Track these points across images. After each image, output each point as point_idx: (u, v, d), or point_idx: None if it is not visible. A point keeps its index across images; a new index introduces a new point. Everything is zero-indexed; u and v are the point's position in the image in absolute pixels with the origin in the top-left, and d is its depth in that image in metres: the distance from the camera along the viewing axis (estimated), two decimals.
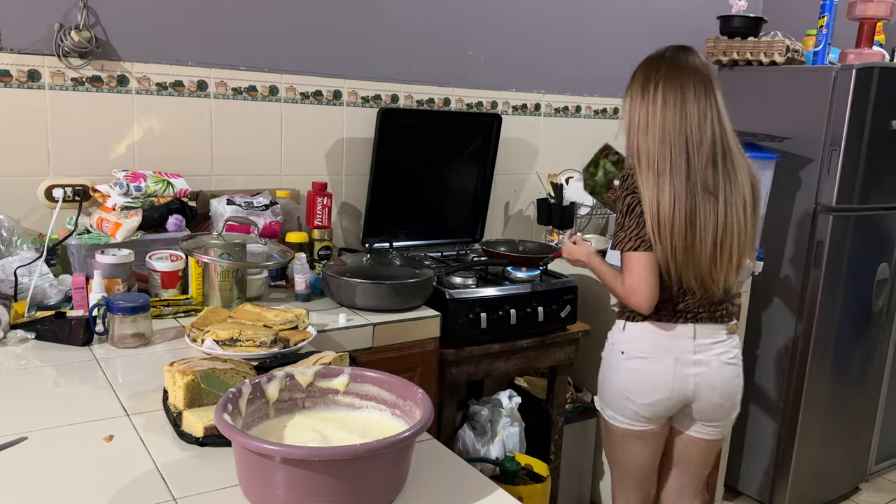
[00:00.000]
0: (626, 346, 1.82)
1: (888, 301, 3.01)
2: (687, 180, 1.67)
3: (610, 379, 1.86)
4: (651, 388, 1.79)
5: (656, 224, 1.67)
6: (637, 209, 1.69)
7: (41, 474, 1.09)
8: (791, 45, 2.80)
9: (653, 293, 1.71)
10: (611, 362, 1.87)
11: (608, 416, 1.89)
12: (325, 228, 2.37)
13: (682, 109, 1.67)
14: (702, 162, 1.68)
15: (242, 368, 1.34)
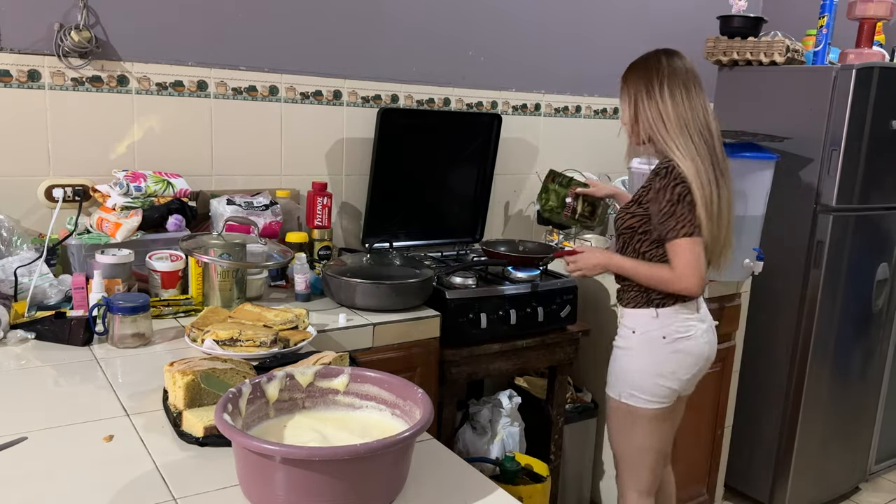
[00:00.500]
0: (665, 330, 1.91)
1: (888, 301, 3.01)
2: (712, 167, 1.83)
3: (644, 366, 1.93)
4: (694, 363, 1.94)
5: (704, 208, 1.80)
6: (688, 196, 1.79)
7: (41, 474, 1.09)
8: (791, 45, 2.80)
9: (705, 275, 1.86)
10: (647, 349, 1.92)
11: (640, 403, 1.94)
12: (325, 228, 2.37)
13: (690, 104, 1.83)
14: (717, 149, 1.86)
15: (242, 368, 1.34)
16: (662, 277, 1.86)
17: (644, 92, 1.85)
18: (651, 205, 1.84)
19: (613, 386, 2.00)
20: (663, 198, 1.80)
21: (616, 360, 1.99)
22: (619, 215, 1.95)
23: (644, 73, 1.87)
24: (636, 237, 1.91)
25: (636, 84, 1.87)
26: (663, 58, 1.87)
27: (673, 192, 1.79)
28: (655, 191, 1.82)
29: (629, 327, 1.96)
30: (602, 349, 2.65)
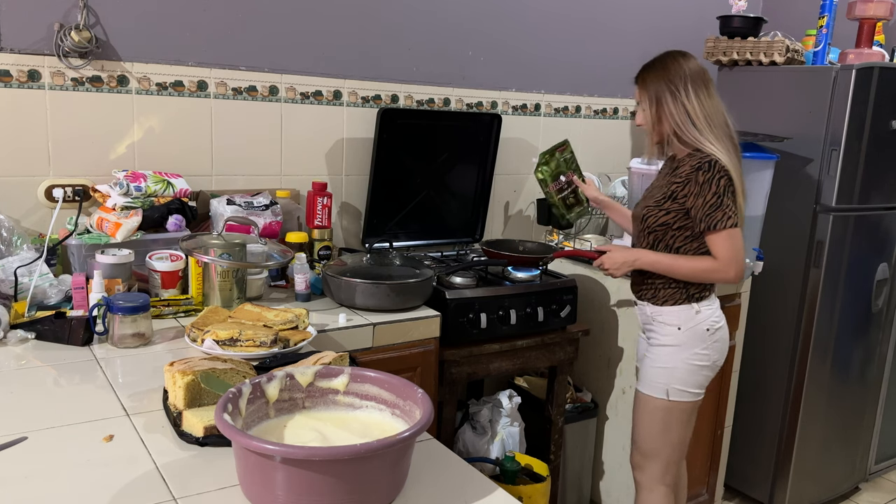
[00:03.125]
0: (707, 322, 1.99)
1: (888, 301, 3.01)
2: (738, 160, 1.93)
3: (693, 360, 1.98)
4: (725, 348, 2.05)
5: (742, 198, 1.92)
6: (731, 188, 1.88)
7: (41, 474, 1.09)
8: (791, 45, 2.80)
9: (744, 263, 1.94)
10: (695, 343, 1.97)
11: (687, 397, 2.00)
12: (325, 228, 2.37)
13: (711, 102, 1.92)
14: (736, 143, 1.95)
15: (242, 368, 1.34)
16: (708, 268, 1.92)
17: (668, 93, 1.91)
18: (692, 199, 1.88)
19: (656, 385, 2.01)
20: (708, 190, 1.86)
21: (659, 359, 2.01)
22: (649, 213, 1.97)
23: (665, 74, 1.93)
24: (670, 233, 1.95)
25: (657, 85, 1.93)
26: (680, 59, 1.95)
27: (719, 184, 1.86)
28: (699, 184, 1.86)
29: (672, 324, 1.98)
30: (602, 349, 2.66)
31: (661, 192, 1.97)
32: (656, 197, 1.98)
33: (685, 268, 1.94)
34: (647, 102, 1.96)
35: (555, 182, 2.36)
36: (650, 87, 1.95)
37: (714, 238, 1.89)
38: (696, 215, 1.89)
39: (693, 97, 1.90)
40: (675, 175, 1.94)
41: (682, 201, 1.91)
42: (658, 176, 2.11)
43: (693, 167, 1.89)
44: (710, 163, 1.87)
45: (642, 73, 1.99)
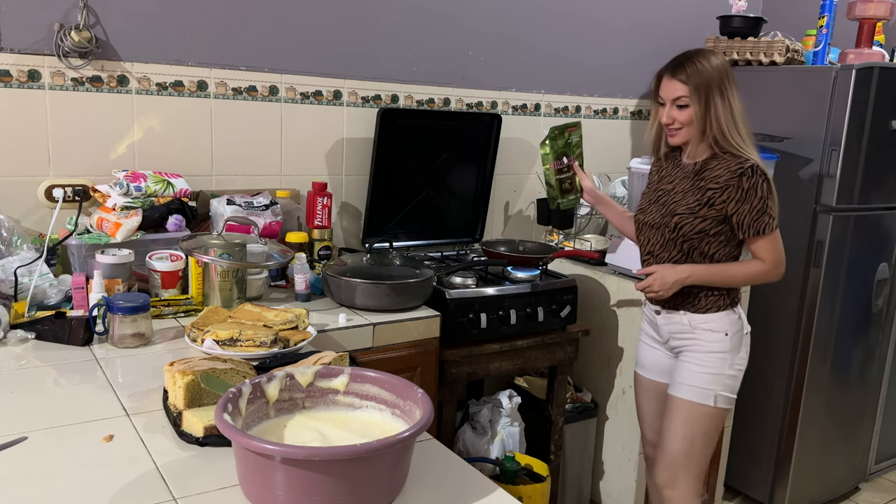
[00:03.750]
0: (746, 325, 2.01)
1: (888, 301, 3.01)
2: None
3: (738, 364, 1.97)
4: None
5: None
6: (772, 190, 1.87)
7: (41, 474, 1.09)
8: (791, 46, 2.80)
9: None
10: (741, 348, 1.98)
11: (730, 403, 1.99)
12: (325, 228, 2.37)
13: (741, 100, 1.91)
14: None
15: (242, 368, 1.34)
16: (760, 272, 1.93)
17: (717, 92, 1.86)
18: (734, 205, 1.85)
19: (705, 392, 1.94)
20: (754, 196, 1.84)
21: (708, 365, 1.94)
22: (683, 221, 1.90)
23: (714, 71, 1.87)
24: (706, 240, 1.91)
25: (708, 82, 1.86)
26: (721, 56, 1.92)
27: (763, 188, 1.84)
28: (743, 190, 1.83)
29: (719, 331, 1.94)
30: (602, 349, 2.66)
31: (692, 198, 1.90)
32: (689, 204, 1.91)
33: (739, 275, 1.94)
34: (695, 100, 1.86)
35: (557, 161, 2.27)
36: (699, 83, 1.86)
37: (761, 242, 1.89)
38: (741, 221, 1.86)
39: (736, 97, 1.89)
40: (708, 181, 1.88)
41: (719, 207, 1.87)
42: (669, 179, 2.00)
43: (734, 173, 1.84)
44: (752, 168, 1.84)
45: (686, 68, 1.88)
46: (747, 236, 1.88)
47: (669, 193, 1.98)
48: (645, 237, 2.04)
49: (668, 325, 2.01)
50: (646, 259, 2.05)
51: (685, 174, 1.96)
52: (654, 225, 1.99)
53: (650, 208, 2.02)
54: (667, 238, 1.95)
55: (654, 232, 1.99)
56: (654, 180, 2.07)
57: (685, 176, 1.96)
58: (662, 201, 1.98)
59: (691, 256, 1.94)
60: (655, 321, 2.05)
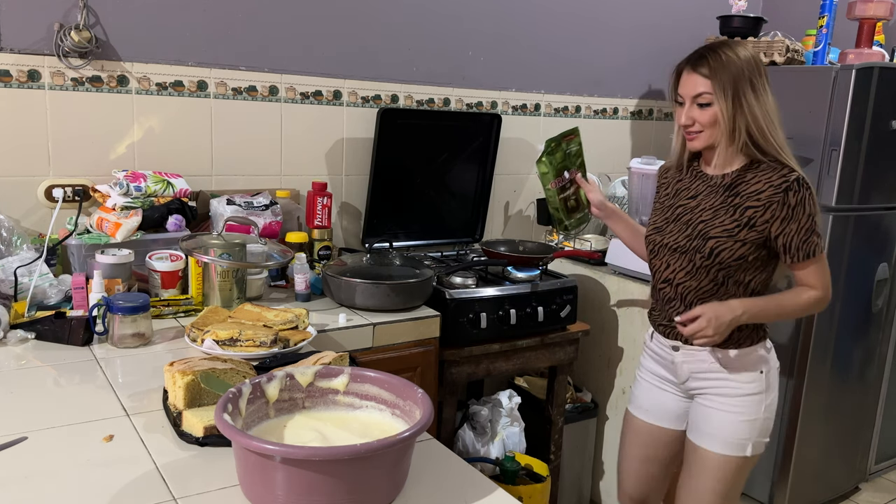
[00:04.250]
0: (776, 359, 1.76)
1: (888, 301, 3.01)
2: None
3: (772, 405, 1.73)
4: None
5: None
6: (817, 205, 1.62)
7: (41, 474, 1.09)
8: (791, 45, 2.80)
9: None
10: (775, 384, 1.73)
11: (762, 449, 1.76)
12: (325, 228, 2.37)
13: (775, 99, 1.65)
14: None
15: (242, 368, 1.34)
16: (814, 301, 1.66)
17: (749, 87, 1.58)
18: (779, 224, 1.58)
19: (741, 443, 1.70)
20: (802, 213, 1.58)
21: (742, 412, 1.68)
22: (721, 246, 1.61)
23: (741, 63, 1.58)
24: (744, 266, 1.63)
25: (735, 78, 1.57)
26: (748, 46, 1.64)
27: (810, 204, 1.58)
28: (790, 208, 1.57)
29: (754, 369, 1.69)
30: (602, 349, 2.66)
31: (727, 217, 1.62)
32: (724, 224, 1.62)
33: (793, 308, 1.67)
34: (720, 96, 1.57)
35: (558, 178, 1.98)
36: (725, 77, 1.57)
37: (810, 265, 1.63)
38: (788, 243, 1.60)
39: (769, 95, 1.61)
40: (746, 196, 1.61)
41: (761, 228, 1.60)
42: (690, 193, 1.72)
43: (777, 187, 1.57)
44: (798, 180, 1.57)
45: (709, 60, 1.60)
46: (795, 260, 1.61)
47: (694, 211, 1.68)
48: (663, 261, 1.74)
49: (691, 363, 1.72)
50: (662, 287, 1.74)
51: (712, 188, 1.68)
52: (677, 248, 1.69)
53: (668, 227, 1.72)
54: (697, 265, 1.66)
55: (677, 256, 1.69)
56: (667, 194, 1.78)
57: (712, 190, 1.67)
58: (685, 220, 1.69)
59: (725, 285, 1.65)
60: (671, 358, 1.75)
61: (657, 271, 1.76)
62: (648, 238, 1.78)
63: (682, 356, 1.73)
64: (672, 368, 1.76)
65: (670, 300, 1.72)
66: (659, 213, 1.78)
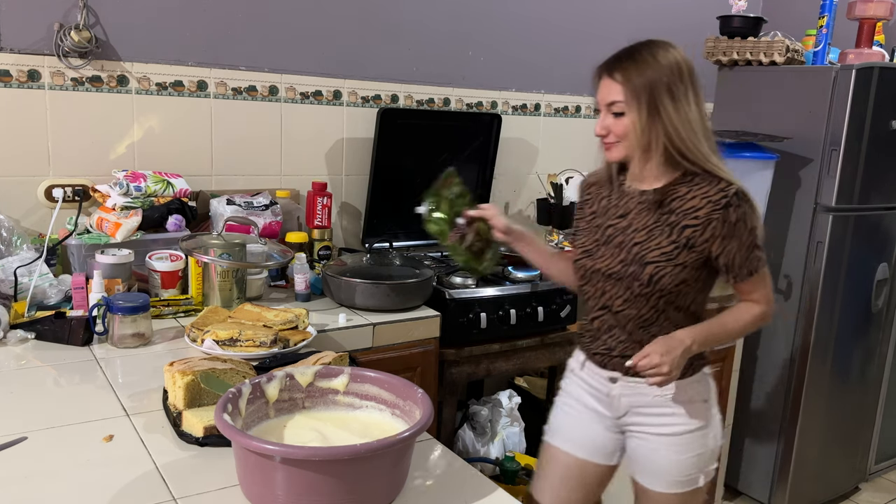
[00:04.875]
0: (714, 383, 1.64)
1: (888, 301, 3.01)
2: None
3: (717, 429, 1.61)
4: None
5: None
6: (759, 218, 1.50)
7: (41, 474, 1.09)
8: (791, 45, 2.80)
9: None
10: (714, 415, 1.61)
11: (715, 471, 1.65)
12: (325, 228, 2.37)
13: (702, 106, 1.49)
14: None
15: (242, 368, 1.34)
16: (758, 317, 1.53)
17: (667, 94, 1.42)
18: (720, 242, 1.44)
19: (694, 478, 1.58)
20: (744, 229, 1.44)
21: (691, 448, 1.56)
22: (660, 272, 1.46)
23: (660, 68, 1.43)
24: (685, 291, 1.49)
25: (650, 85, 1.42)
26: (672, 50, 1.46)
27: (752, 218, 1.46)
28: (731, 224, 1.43)
29: (697, 399, 1.56)
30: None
31: (664, 239, 1.47)
32: (662, 248, 1.47)
33: (738, 328, 1.54)
34: (633, 106, 1.43)
35: (455, 229, 1.73)
36: (639, 85, 1.43)
37: (753, 282, 1.49)
38: (731, 262, 1.46)
39: (693, 100, 1.45)
40: (681, 214, 1.46)
41: (701, 248, 1.45)
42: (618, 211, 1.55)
43: (716, 203, 1.43)
44: (737, 194, 1.43)
45: (623, 66, 1.45)
46: (739, 279, 1.48)
47: (626, 232, 1.52)
48: (597, 288, 1.56)
49: (630, 396, 1.57)
50: (599, 315, 1.57)
51: (642, 205, 1.51)
52: (611, 275, 1.52)
53: (599, 251, 1.55)
54: (636, 293, 1.50)
55: (612, 283, 1.53)
56: (593, 212, 1.61)
57: (643, 207, 1.51)
58: (617, 242, 1.53)
59: (666, 312, 1.51)
60: (607, 391, 1.59)
61: (591, 298, 1.59)
62: (578, 263, 1.59)
63: (620, 388, 1.57)
64: (607, 402, 1.60)
65: (610, 328, 1.56)
66: (587, 234, 1.60)
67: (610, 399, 1.59)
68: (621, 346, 1.54)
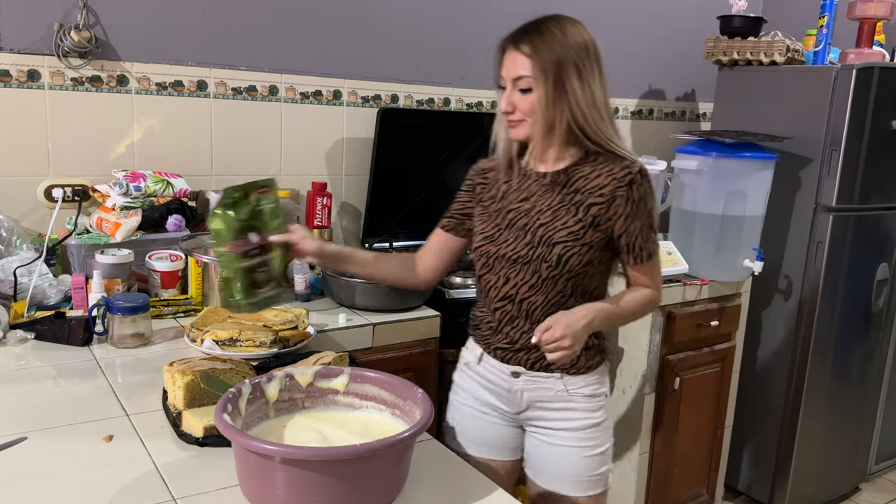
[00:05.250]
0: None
1: (888, 301, 3.01)
2: None
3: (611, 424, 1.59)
4: None
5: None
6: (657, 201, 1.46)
7: (41, 474, 1.09)
8: (791, 45, 2.80)
9: None
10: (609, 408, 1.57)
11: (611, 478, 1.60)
12: (325, 228, 2.37)
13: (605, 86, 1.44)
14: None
15: (242, 368, 1.34)
16: (652, 300, 1.50)
17: (574, 70, 1.37)
18: (623, 221, 1.41)
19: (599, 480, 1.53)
20: (645, 209, 1.41)
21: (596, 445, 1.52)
22: (568, 251, 1.40)
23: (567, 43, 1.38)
24: (590, 272, 1.44)
25: (559, 60, 1.37)
26: (579, 26, 1.42)
27: (651, 198, 1.43)
28: (634, 203, 1.40)
29: (599, 394, 1.52)
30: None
31: (570, 218, 1.42)
32: (568, 226, 1.41)
33: (634, 309, 1.48)
34: (541, 79, 1.38)
35: (239, 240, 1.42)
36: (549, 59, 1.37)
37: (650, 265, 1.47)
38: (632, 243, 1.43)
39: (598, 77, 1.40)
40: (586, 193, 1.42)
41: (605, 227, 1.41)
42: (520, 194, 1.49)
43: (621, 180, 1.39)
44: (640, 172, 1.40)
45: (531, 39, 1.41)
46: (639, 261, 1.44)
47: (530, 214, 1.46)
48: (500, 276, 1.48)
49: (533, 390, 1.50)
50: (501, 305, 1.49)
51: (546, 186, 1.46)
52: (517, 259, 1.45)
53: (502, 236, 1.48)
54: (543, 276, 1.43)
55: (518, 268, 1.45)
56: (491, 197, 1.55)
57: (547, 189, 1.46)
58: (521, 226, 1.46)
59: (573, 296, 1.45)
60: (509, 386, 1.52)
61: (493, 287, 1.49)
62: (480, 250, 1.51)
63: (523, 383, 1.50)
64: (507, 397, 1.53)
65: (512, 319, 1.48)
66: (486, 220, 1.52)
67: (511, 394, 1.52)
68: (525, 338, 1.47)
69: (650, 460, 2.57)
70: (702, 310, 2.54)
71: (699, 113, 3.54)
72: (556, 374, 1.48)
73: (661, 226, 2.53)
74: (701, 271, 2.55)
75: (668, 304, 2.45)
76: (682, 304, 2.49)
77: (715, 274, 2.57)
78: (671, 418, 2.55)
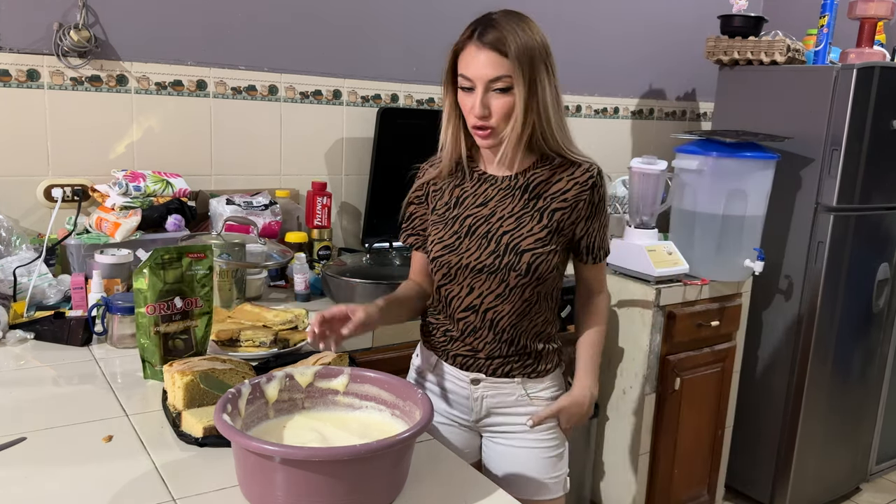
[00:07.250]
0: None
1: (889, 301, 3.01)
2: None
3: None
4: None
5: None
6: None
7: (41, 474, 1.08)
8: (792, 45, 2.80)
9: None
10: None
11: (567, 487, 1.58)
12: (325, 228, 2.37)
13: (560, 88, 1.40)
14: None
15: (242, 369, 1.34)
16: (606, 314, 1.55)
17: (544, 71, 1.32)
18: (584, 224, 1.42)
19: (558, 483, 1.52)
20: (603, 211, 1.43)
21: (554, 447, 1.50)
22: (538, 259, 1.38)
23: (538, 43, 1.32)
24: (553, 276, 1.43)
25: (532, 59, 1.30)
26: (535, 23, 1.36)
27: (607, 200, 1.47)
28: (593, 205, 1.41)
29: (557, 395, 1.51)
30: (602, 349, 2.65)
31: (535, 224, 1.39)
32: (534, 233, 1.38)
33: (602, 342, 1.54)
34: (519, 78, 1.30)
35: (160, 303, 1.41)
36: (524, 56, 1.29)
37: (601, 265, 1.49)
38: (592, 243, 1.44)
39: (556, 82, 1.36)
40: (549, 198, 1.40)
41: (568, 231, 1.41)
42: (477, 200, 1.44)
43: (583, 184, 1.39)
44: (600, 173, 1.41)
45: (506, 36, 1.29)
46: (597, 261, 1.46)
47: (491, 221, 1.41)
48: (463, 286, 1.43)
49: (493, 397, 1.47)
50: (464, 317, 1.44)
51: (504, 191, 1.42)
52: (482, 269, 1.40)
53: (462, 245, 1.42)
54: (511, 285, 1.39)
55: (483, 278, 1.40)
56: (446, 204, 1.49)
57: (506, 193, 1.42)
58: (482, 233, 1.41)
59: (537, 303, 1.43)
60: (467, 393, 1.48)
61: (455, 298, 1.44)
62: (439, 260, 1.44)
63: (483, 389, 1.47)
64: (466, 405, 1.50)
65: (476, 330, 1.44)
66: (442, 227, 1.46)
67: (469, 402, 1.49)
68: (488, 348, 1.44)
69: (651, 460, 2.57)
70: (702, 310, 2.54)
71: (699, 113, 3.54)
72: (517, 379, 1.46)
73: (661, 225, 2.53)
74: (701, 271, 2.55)
75: (668, 304, 2.45)
76: (682, 304, 2.49)
77: (715, 274, 2.57)
78: (672, 418, 2.55)
